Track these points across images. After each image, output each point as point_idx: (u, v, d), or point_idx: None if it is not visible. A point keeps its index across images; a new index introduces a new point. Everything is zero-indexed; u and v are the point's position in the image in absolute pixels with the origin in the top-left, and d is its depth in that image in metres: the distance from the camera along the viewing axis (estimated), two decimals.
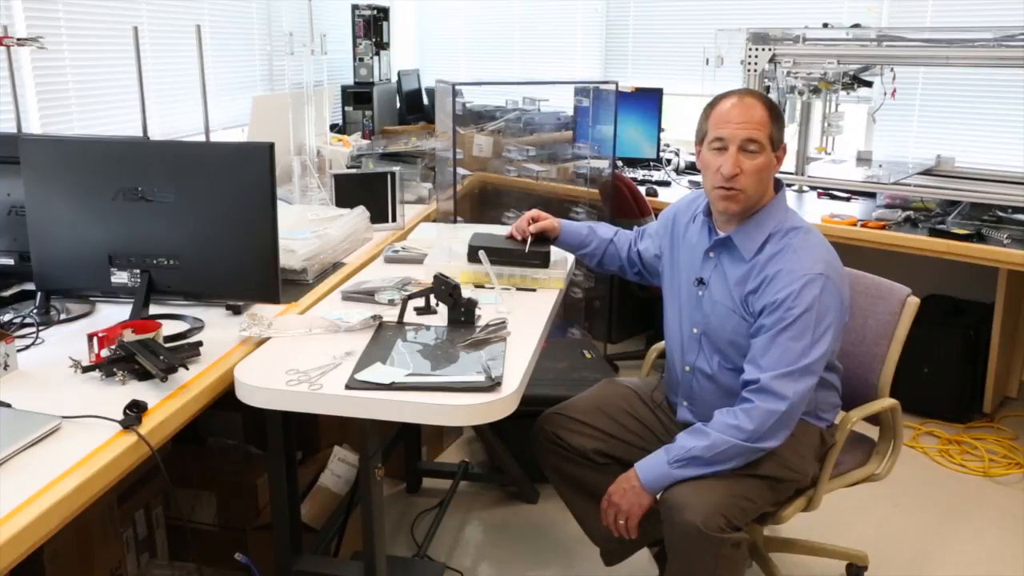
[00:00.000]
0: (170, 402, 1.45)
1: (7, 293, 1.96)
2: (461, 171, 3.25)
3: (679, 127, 4.21)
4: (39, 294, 1.84)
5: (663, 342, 2.14)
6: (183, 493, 2.19)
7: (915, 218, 3.09)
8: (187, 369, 1.54)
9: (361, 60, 4.06)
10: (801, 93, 3.24)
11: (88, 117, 2.92)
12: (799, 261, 1.76)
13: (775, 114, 1.82)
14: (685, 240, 2.00)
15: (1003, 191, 3.11)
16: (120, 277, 1.77)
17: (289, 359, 1.62)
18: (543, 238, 2.16)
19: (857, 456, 2.07)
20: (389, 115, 4.24)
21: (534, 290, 2.10)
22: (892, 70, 3.25)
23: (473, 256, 2.10)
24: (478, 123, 3.66)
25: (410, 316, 1.87)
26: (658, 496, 1.79)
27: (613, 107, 3.45)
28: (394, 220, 2.77)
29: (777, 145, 1.82)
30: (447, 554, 2.45)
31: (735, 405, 1.77)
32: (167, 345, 1.60)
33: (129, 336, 1.56)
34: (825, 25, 3.32)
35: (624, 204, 3.42)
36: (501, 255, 2.11)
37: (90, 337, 1.55)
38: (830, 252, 1.82)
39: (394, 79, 4.37)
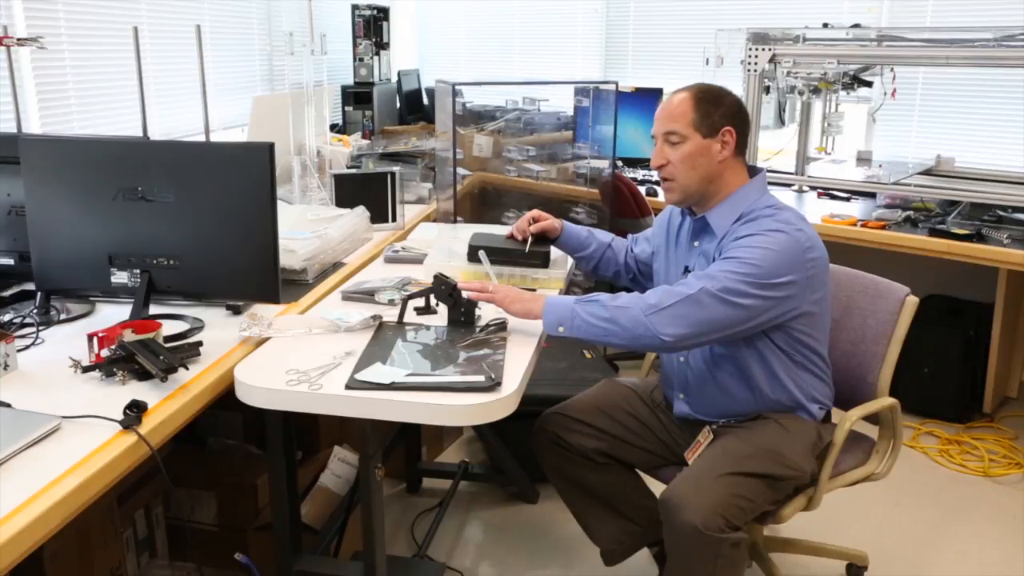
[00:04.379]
0: (170, 402, 1.45)
1: (7, 293, 1.96)
2: (461, 171, 3.25)
3: None
4: (39, 294, 1.84)
5: None
6: (183, 493, 2.19)
7: (915, 218, 3.09)
8: (187, 369, 1.54)
9: (361, 60, 4.06)
10: (801, 93, 3.25)
11: (88, 117, 2.92)
12: (766, 224, 1.80)
13: (703, 101, 1.84)
14: (679, 238, 2.02)
15: (1003, 191, 3.12)
16: (120, 277, 1.77)
17: (289, 359, 1.62)
18: (543, 238, 2.16)
19: (857, 455, 2.07)
20: (389, 115, 4.23)
21: (534, 290, 2.10)
22: (892, 70, 3.26)
23: (473, 256, 2.10)
24: (478, 123, 3.66)
25: (410, 316, 1.87)
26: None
27: (613, 107, 3.45)
28: (394, 220, 2.77)
29: (711, 130, 1.83)
30: (447, 554, 2.46)
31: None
32: (167, 345, 1.60)
33: (129, 336, 1.56)
34: (825, 25, 3.32)
35: (624, 204, 3.42)
36: (501, 255, 2.11)
37: (90, 337, 1.55)
38: (802, 220, 1.83)
39: (394, 79, 4.37)
